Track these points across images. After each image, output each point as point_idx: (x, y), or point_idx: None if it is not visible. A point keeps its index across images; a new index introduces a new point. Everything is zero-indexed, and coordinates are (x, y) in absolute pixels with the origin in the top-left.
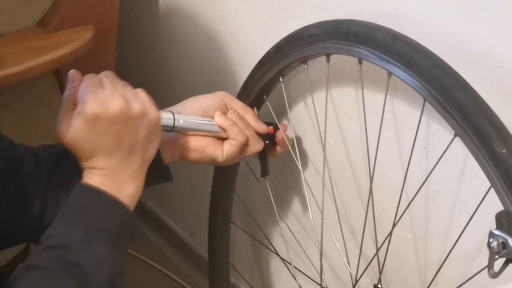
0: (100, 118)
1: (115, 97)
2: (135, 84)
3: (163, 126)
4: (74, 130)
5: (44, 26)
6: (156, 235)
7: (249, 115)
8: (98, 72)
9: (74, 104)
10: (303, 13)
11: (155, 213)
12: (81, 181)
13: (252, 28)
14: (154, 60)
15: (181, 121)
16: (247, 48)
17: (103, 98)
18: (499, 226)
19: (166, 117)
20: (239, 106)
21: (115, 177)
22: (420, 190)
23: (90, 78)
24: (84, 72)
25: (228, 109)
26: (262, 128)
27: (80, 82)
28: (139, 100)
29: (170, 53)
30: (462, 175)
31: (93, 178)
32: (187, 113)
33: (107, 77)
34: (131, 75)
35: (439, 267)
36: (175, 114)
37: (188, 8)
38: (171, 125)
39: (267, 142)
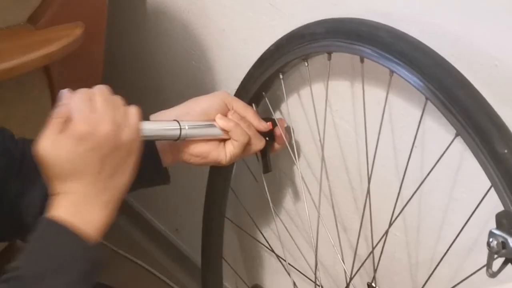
0: (87, 139)
1: (105, 121)
2: (124, 81)
3: (170, 136)
4: (57, 147)
5: (34, 23)
6: (138, 232)
7: (249, 113)
8: (87, 67)
9: (63, 122)
10: (294, 11)
11: (137, 210)
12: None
13: (241, 25)
14: (142, 57)
15: (186, 127)
16: (236, 46)
17: (94, 119)
18: (499, 225)
19: (172, 127)
20: (239, 106)
21: (86, 206)
22: (413, 189)
23: (82, 94)
24: (73, 68)
25: (228, 109)
26: (264, 126)
27: (71, 99)
28: (129, 127)
29: (158, 50)
30: (455, 173)
31: (63, 205)
32: (189, 119)
33: (100, 95)
34: (119, 72)
35: (430, 265)
36: (180, 124)
37: (177, 5)
38: (178, 135)
39: (267, 138)
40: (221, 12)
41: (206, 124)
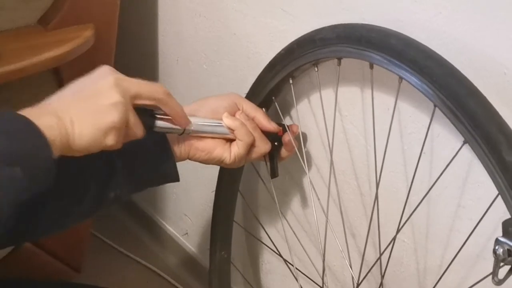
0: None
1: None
2: None
3: (174, 130)
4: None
5: (45, 24)
6: (148, 235)
7: (259, 114)
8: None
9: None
10: (305, 16)
11: (147, 213)
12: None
13: (252, 30)
14: (151, 59)
15: (192, 122)
16: (247, 50)
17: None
18: (505, 233)
19: None
20: (250, 107)
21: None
22: (421, 195)
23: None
24: (82, 70)
25: (238, 109)
26: (273, 126)
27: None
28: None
29: (168, 53)
30: (463, 180)
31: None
32: (197, 116)
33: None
34: (129, 75)
35: (437, 271)
36: None
37: (188, 8)
38: (182, 129)
39: (276, 143)
40: (233, 16)
41: (213, 122)
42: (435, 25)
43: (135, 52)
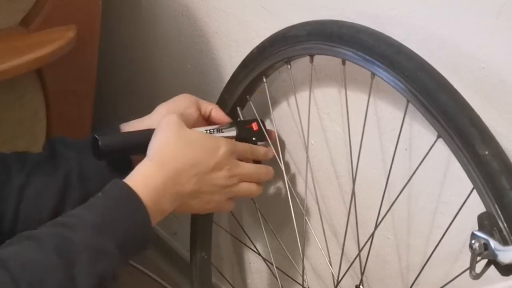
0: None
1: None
2: (118, 85)
3: None
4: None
5: (27, 25)
6: None
7: (215, 110)
8: (80, 70)
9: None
10: (285, 13)
11: None
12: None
13: (234, 28)
14: (135, 59)
15: None
16: (229, 48)
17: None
18: (481, 227)
19: None
20: (205, 104)
21: (165, 196)
22: (402, 191)
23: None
24: (66, 71)
25: (195, 104)
26: (228, 119)
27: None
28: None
29: (152, 53)
30: (444, 176)
31: (148, 184)
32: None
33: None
34: (112, 74)
35: (421, 267)
36: None
37: (170, 8)
38: None
39: (254, 139)
40: (214, 15)
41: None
42: (413, 21)
43: (118, 53)
